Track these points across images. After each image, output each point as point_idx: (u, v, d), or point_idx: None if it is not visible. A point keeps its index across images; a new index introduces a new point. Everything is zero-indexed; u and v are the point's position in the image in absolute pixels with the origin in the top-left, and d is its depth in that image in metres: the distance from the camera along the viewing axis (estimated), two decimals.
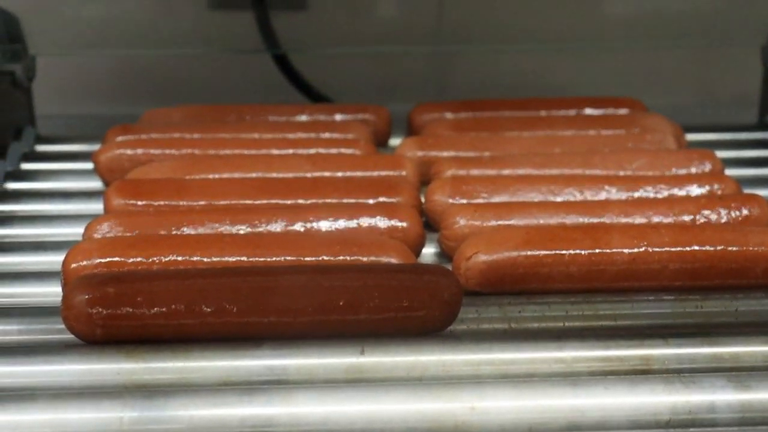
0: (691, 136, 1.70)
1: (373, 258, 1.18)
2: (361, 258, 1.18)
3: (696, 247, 1.20)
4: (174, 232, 1.24)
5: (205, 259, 1.17)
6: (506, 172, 1.43)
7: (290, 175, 1.41)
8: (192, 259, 1.16)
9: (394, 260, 1.18)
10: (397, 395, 1.01)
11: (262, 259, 1.17)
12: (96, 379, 1.05)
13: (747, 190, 1.44)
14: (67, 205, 1.46)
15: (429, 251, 1.34)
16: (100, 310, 1.05)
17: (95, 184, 1.53)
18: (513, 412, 0.99)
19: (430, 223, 1.37)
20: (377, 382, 1.05)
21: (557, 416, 1.00)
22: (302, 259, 1.17)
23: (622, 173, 1.43)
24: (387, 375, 1.06)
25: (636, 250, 1.20)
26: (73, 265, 1.15)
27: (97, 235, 1.23)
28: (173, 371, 1.05)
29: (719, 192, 1.37)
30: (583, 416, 1.00)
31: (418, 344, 1.07)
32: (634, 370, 1.07)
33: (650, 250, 1.20)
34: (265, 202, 1.32)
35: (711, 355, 1.08)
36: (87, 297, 1.05)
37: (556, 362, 1.07)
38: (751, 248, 1.20)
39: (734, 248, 1.20)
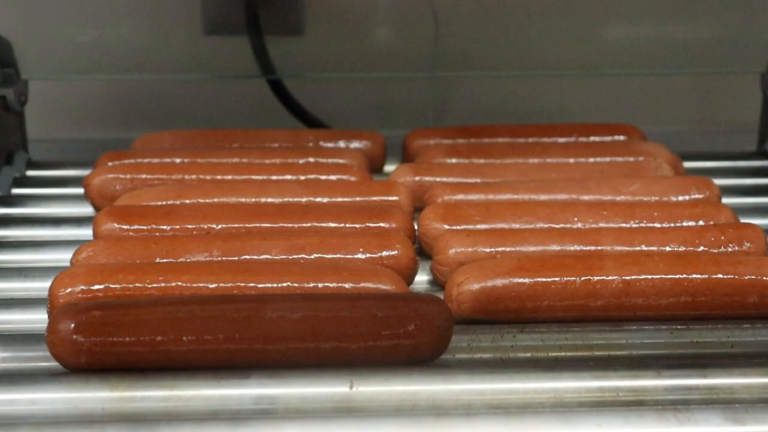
0: (689, 164, 1.69)
1: (364, 285, 1.17)
2: (352, 285, 1.17)
3: (690, 276, 1.19)
4: (163, 259, 1.22)
5: (193, 285, 1.15)
6: (501, 197, 1.42)
7: (282, 200, 1.40)
8: (180, 285, 1.15)
9: (385, 287, 1.16)
10: (387, 427, 0.99)
11: (251, 285, 1.16)
12: (80, 407, 1.03)
13: (745, 219, 1.42)
14: (56, 231, 1.45)
15: (422, 278, 1.32)
16: (86, 337, 1.04)
17: (86, 209, 1.51)
18: None
19: (423, 250, 1.36)
20: (367, 412, 1.03)
21: None
22: (292, 285, 1.16)
23: (617, 200, 1.42)
24: (377, 406, 1.04)
25: (630, 277, 1.18)
26: (60, 292, 1.14)
27: (84, 261, 1.22)
28: (159, 400, 1.03)
29: (714, 221, 1.35)
30: None
31: (408, 374, 1.06)
32: (627, 401, 1.05)
33: (644, 278, 1.18)
34: (255, 226, 1.31)
35: (705, 387, 1.06)
36: (72, 323, 1.04)
37: (548, 393, 1.05)
38: (745, 277, 1.19)
39: (729, 277, 1.19)
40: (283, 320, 1.06)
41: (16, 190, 1.60)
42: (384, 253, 1.24)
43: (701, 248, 1.28)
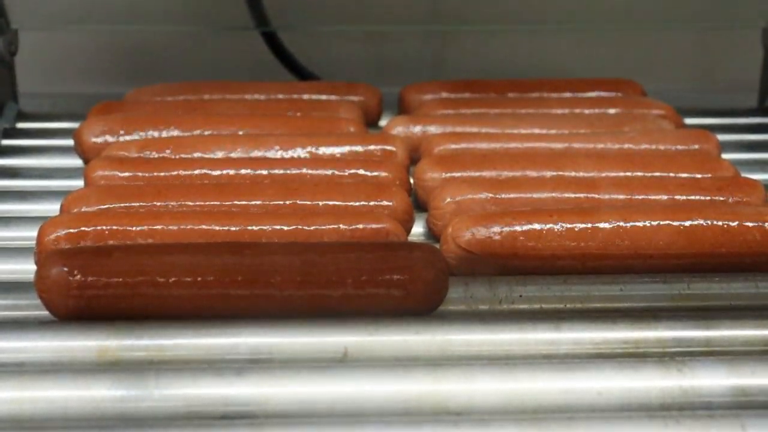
0: (689, 120, 1.67)
1: (363, 226, 1.15)
2: (355, 226, 1.15)
3: (688, 222, 1.17)
4: (156, 203, 1.20)
5: (185, 228, 1.13)
6: (497, 147, 1.40)
7: (277, 151, 1.37)
8: (173, 229, 1.13)
9: (380, 225, 1.15)
10: (382, 377, 0.97)
11: (249, 228, 1.14)
12: (69, 356, 1.01)
13: (746, 175, 1.40)
14: (46, 182, 1.43)
15: (418, 230, 1.30)
16: (75, 279, 1.02)
17: (76, 161, 1.48)
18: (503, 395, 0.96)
19: (419, 203, 1.34)
20: (364, 362, 1.02)
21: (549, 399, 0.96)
22: (293, 228, 1.14)
23: (615, 149, 1.40)
24: (374, 356, 1.02)
25: (627, 224, 1.16)
26: (48, 238, 1.12)
27: (74, 209, 1.19)
28: (152, 349, 1.01)
29: (713, 174, 1.34)
30: (577, 399, 0.97)
31: (405, 325, 1.04)
32: (628, 353, 1.04)
33: (641, 225, 1.16)
34: (249, 173, 1.29)
35: (705, 338, 1.05)
36: (61, 268, 1.02)
37: (547, 345, 1.04)
38: (746, 223, 1.17)
39: (730, 223, 1.17)
40: (276, 266, 1.04)
41: (5, 141, 1.58)
42: (381, 202, 1.22)
43: (700, 200, 1.25)
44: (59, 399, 0.94)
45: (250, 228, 1.14)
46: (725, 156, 1.47)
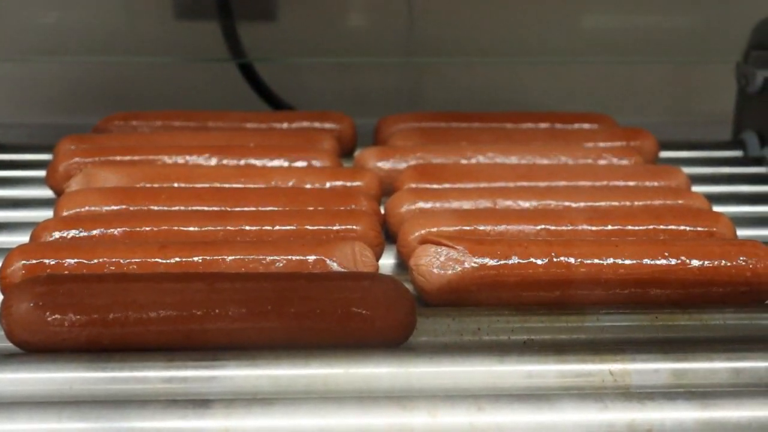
0: (663, 153, 1.67)
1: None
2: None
3: (656, 261, 1.17)
4: (124, 238, 1.20)
5: (149, 260, 1.13)
6: (470, 185, 1.39)
7: (245, 185, 1.37)
8: (136, 261, 1.12)
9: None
10: (350, 408, 0.97)
11: (213, 258, 1.13)
12: (34, 389, 1.00)
13: (718, 208, 1.41)
14: (16, 213, 1.42)
15: (389, 262, 1.30)
16: (41, 314, 1.01)
17: (48, 192, 1.48)
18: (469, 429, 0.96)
19: (391, 236, 1.33)
20: (330, 394, 1.01)
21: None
22: (260, 257, 1.14)
23: (587, 185, 1.40)
24: (342, 388, 1.02)
25: (594, 261, 1.16)
26: (9, 269, 1.11)
27: (42, 239, 1.19)
28: (115, 381, 1.01)
29: (682, 206, 1.35)
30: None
31: (373, 357, 1.03)
32: (591, 385, 1.03)
33: (611, 257, 1.16)
34: (217, 209, 1.28)
35: (671, 371, 1.05)
36: (27, 301, 1.01)
37: (514, 377, 1.04)
38: (713, 262, 1.17)
39: (696, 261, 1.17)
40: (241, 298, 1.04)
41: None
42: (351, 226, 1.23)
43: (669, 233, 1.26)
44: None
45: (214, 258, 1.13)
46: (698, 189, 1.47)
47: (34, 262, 1.11)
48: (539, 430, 0.97)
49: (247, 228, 1.21)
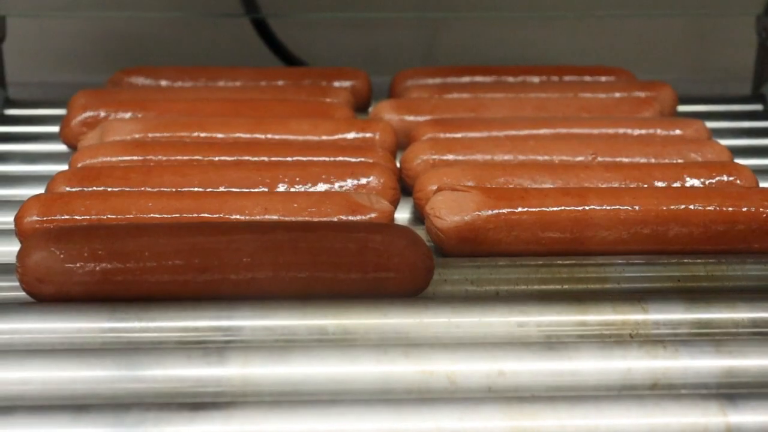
0: (682, 108, 1.65)
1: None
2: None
3: (678, 207, 1.16)
4: (140, 188, 1.19)
5: (167, 216, 1.12)
6: (486, 134, 1.38)
7: (263, 136, 1.36)
8: (155, 215, 1.12)
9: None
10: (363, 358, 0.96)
11: (228, 216, 1.13)
12: (49, 337, 1.00)
13: (739, 161, 1.39)
14: (32, 167, 1.42)
15: (404, 216, 1.29)
16: (57, 263, 1.01)
17: (63, 147, 1.47)
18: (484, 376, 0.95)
19: (406, 189, 1.32)
20: (346, 343, 1.00)
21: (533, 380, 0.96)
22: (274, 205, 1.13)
23: (606, 135, 1.39)
24: (358, 338, 1.01)
25: (613, 203, 1.15)
26: (26, 219, 1.10)
27: (57, 191, 1.18)
28: (136, 330, 1.00)
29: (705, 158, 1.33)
30: (560, 380, 0.96)
31: (390, 307, 1.03)
32: (611, 335, 1.03)
33: (631, 207, 1.15)
34: (233, 159, 1.27)
35: (692, 321, 1.04)
36: (43, 252, 1.01)
37: (529, 327, 1.03)
38: (731, 209, 1.16)
39: (716, 208, 1.16)
40: (259, 249, 1.03)
41: None
42: (364, 180, 1.22)
43: (689, 184, 1.24)
44: (39, 380, 0.93)
45: (230, 207, 1.12)
46: (721, 142, 1.45)
47: (50, 212, 1.11)
48: (558, 376, 0.96)
49: (261, 178, 1.20)
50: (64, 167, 1.33)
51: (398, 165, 1.35)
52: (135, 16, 1.91)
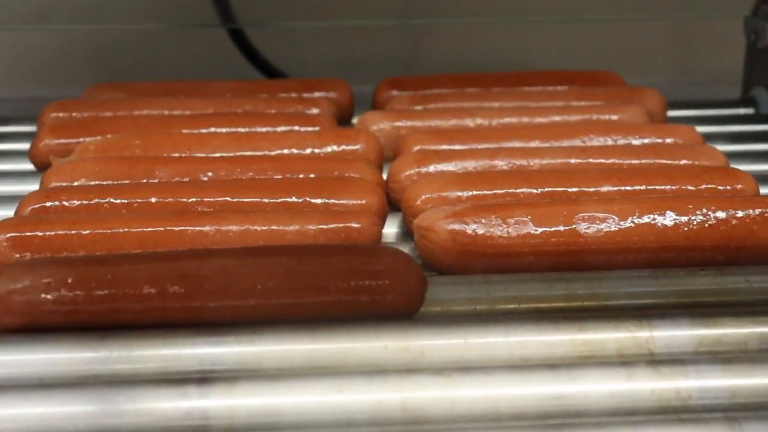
0: (671, 113, 1.62)
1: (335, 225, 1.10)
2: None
3: (677, 218, 1.12)
4: (116, 210, 1.13)
5: (148, 240, 1.07)
6: (474, 145, 1.34)
7: (243, 153, 1.31)
8: (130, 240, 1.07)
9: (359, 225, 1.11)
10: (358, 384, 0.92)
11: (213, 229, 1.09)
12: (22, 371, 0.94)
13: (735, 166, 1.35)
14: (1, 187, 1.36)
15: (391, 231, 1.24)
16: (27, 297, 0.96)
17: (32, 166, 1.42)
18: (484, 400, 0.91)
19: (392, 203, 1.28)
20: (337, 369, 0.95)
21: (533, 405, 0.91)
22: (261, 228, 1.09)
23: (598, 144, 1.35)
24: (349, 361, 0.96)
25: (611, 216, 1.11)
26: None
27: (28, 212, 1.13)
28: (107, 361, 0.95)
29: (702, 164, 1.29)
30: (561, 403, 0.91)
31: (381, 330, 0.98)
32: (613, 353, 0.98)
33: (628, 217, 1.11)
34: (210, 177, 1.23)
35: (697, 336, 0.99)
36: (13, 284, 0.95)
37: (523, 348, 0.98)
38: (735, 221, 1.12)
39: (720, 217, 1.12)
40: (248, 275, 0.98)
41: None
42: (355, 201, 1.17)
43: (688, 193, 1.21)
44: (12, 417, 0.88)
45: (213, 228, 1.08)
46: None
47: (21, 237, 1.06)
48: (558, 400, 0.91)
49: (246, 200, 1.16)
50: (34, 187, 1.28)
51: (385, 178, 1.30)
52: (109, 28, 1.86)
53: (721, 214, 1.12)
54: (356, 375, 0.93)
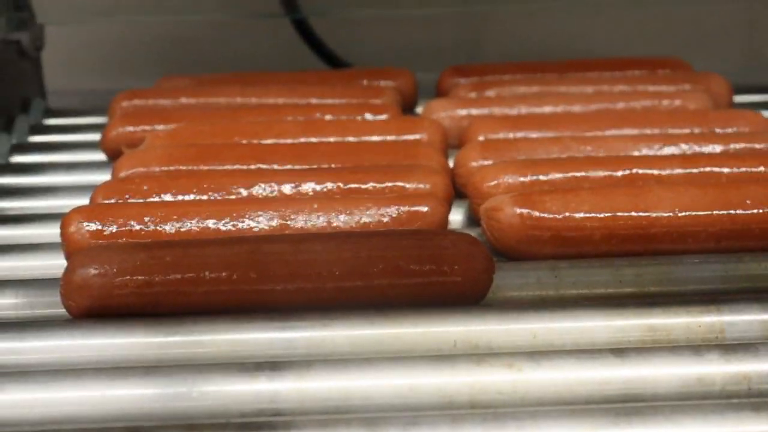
0: (738, 98, 1.60)
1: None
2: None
3: (746, 202, 1.11)
4: (188, 197, 1.15)
5: (220, 225, 1.09)
6: (542, 132, 1.34)
7: (307, 140, 1.32)
8: (202, 225, 1.08)
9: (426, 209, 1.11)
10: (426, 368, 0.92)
11: (280, 224, 1.09)
12: (100, 354, 0.96)
13: None
14: (73, 177, 1.39)
15: (456, 218, 1.25)
16: (102, 282, 0.97)
17: (103, 156, 1.45)
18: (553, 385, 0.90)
19: (458, 191, 1.28)
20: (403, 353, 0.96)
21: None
22: (327, 214, 1.10)
23: (661, 132, 1.34)
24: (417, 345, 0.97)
25: (685, 200, 1.10)
26: (71, 229, 1.07)
27: (101, 199, 1.15)
28: (180, 346, 0.97)
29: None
30: (629, 387, 0.91)
31: (449, 315, 0.98)
32: (682, 338, 0.97)
33: (702, 201, 1.10)
34: (279, 168, 1.24)
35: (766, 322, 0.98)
36: (89, 269, 0.97)
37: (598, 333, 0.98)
38: None
39: None
40: (317, 259, 0.99)
41: (33, 138, 1.55)
42: (419, 185, 1.17)
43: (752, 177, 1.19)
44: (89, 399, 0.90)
45: (282, 213, 1.09)
46: None
47: (95, 224, 1.08)
48: (629, 383, 0.91)
49: (313, 186, 1.17)
50: (107, 177, 1.30)
51: (451, 166, 1.30)
52: (174, 21, 1.88)
53: None
54: (424, 360, 0.93)
